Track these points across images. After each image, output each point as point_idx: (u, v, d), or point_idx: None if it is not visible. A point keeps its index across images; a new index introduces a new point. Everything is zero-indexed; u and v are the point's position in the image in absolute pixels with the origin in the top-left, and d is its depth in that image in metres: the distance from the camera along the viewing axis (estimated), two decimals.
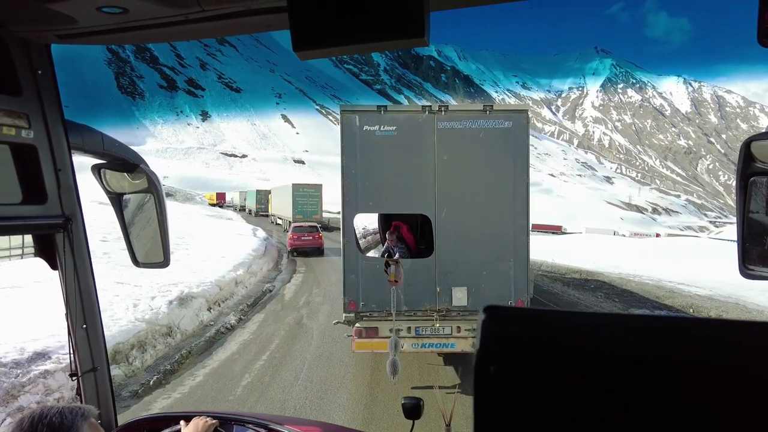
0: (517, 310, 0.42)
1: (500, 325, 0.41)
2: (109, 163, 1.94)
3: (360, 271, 6.74)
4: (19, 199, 1.58)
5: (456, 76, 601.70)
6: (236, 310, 11.71)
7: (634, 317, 0.39)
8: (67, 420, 1.35)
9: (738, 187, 1.39)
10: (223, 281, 12.77)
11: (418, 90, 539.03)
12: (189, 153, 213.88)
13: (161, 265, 2.04)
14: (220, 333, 9.98)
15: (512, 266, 6.75)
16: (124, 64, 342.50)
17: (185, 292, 10.69)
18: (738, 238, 1.43)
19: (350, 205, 6.55)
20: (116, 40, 1.39)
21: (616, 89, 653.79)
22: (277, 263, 20.34)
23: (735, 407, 0.35)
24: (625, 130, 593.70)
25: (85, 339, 1.91)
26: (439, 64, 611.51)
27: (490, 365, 0.40)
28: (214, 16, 1.20)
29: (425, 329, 6.82)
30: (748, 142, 1.35)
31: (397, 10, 0.95)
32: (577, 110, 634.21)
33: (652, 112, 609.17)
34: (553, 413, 0.39)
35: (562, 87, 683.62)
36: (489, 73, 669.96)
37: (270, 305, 12.61)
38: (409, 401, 2.37)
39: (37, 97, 1.55)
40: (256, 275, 15.87)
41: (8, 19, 1.39)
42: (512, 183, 6.71)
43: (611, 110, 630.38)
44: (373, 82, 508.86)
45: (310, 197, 36.55)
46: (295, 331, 10.24)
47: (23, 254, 1.76)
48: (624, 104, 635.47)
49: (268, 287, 14.78)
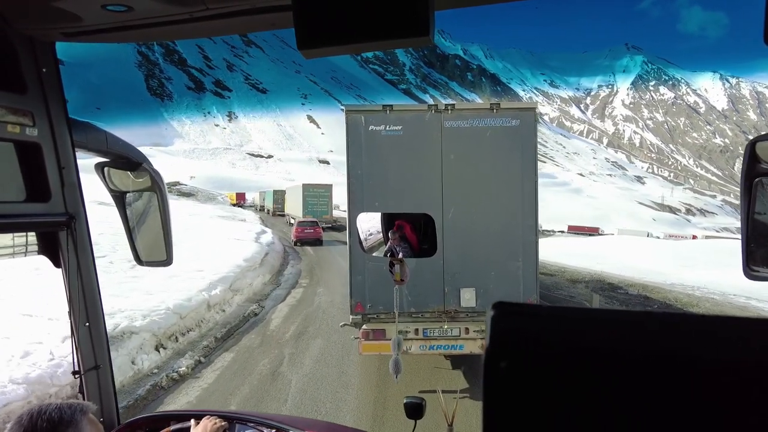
0: (526, 307, 0.41)
1: (509, 321, 0.41)
2: (112, 162, 1.94)
3: (366, 273, 6.63)
4: (23, 197, 1.58)
5: (482, 74, 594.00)
6: (197, 347, 8.78)
7: (644, 314, 0.39)
8: (66, 415, 1.36)
9: (743, 188, 1.39)
10: (188, 306, 9.85)
11: (443, 89, 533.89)
12: (216, 153, 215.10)
13: (164, 263, 2.05)
14: (159, 389, 7.05)
15: (521, 266, 6.67)
16: (153, 67, 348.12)
17: (121, 327, 7.83)
18: (742, 240, 1.43)
19: (356, 205, 6.50)
20: (121, 38, 1.39)
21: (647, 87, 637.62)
22: (278, 275, 17.35)
23: (752, 404, 0.34)
24: (657, 129, 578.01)
25: (87, 337, 1.91)
26: (465, 63, 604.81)
27: (500, 361, 0.39)
28: (219, 15, 1.20)
29: (433, 331, 6.72)
30: (753, 143, 1.35)
31: (402, 9, 0.95)
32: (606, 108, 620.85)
33: (685, 110, 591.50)
34: (564, 409, 0.38)
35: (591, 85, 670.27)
36: (516, 71, 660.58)
37: (247, 338, 9.67)
38: (411, 401, 2.36)
39: (41, 94, 1.55)
40: (241, 293, 12.90)
41: (14, 17, 1.39)
42: (520, 182, 6.64)
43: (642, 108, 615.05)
44: (398, 81, 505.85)
45: (320, 197, 36.85)
46: (265, 386, 7.28)
47: (27, 252, 1.77)
48: (656, 102, 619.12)
49: (254, 309, 11.80)
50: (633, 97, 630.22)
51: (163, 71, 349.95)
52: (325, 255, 23.36)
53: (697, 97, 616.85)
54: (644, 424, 0.36)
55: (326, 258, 22.22)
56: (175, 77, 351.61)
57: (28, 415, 1.34)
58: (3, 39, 1.43)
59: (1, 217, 1.50)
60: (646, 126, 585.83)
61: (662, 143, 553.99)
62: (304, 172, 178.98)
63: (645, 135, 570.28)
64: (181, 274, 12.04)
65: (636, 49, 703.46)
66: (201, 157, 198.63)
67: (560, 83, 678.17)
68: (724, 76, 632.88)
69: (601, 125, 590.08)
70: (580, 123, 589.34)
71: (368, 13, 0.96)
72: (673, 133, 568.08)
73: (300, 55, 1.00)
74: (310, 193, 37.12)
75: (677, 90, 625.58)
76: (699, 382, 0.35)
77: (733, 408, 0.35)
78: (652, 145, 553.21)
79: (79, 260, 1.81)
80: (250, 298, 13.15)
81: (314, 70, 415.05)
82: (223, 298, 11.64)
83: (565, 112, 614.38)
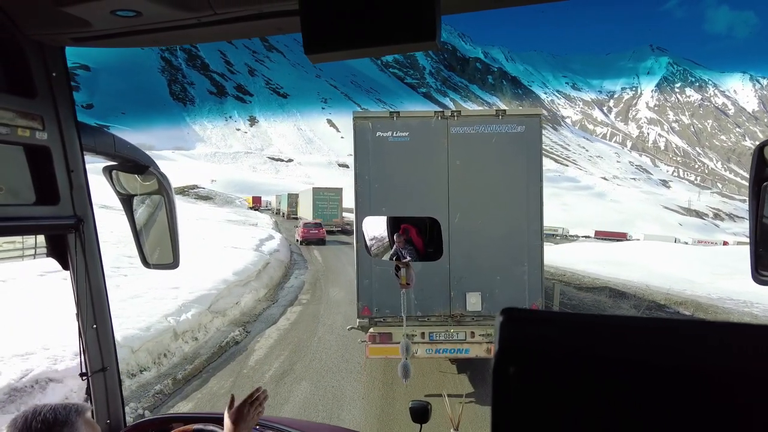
0: (535, 313, 0.42)
1: (518, 326, 0.41)
2: (120, 165, 1.97)
3: (373, 276, 6.70)
4: (32, 200, 1.60)
5: (503, 77, 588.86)
6: (145, 396, 6.70)
7: (651, 320, 0.39)
8: (60, 415, 1.36)
9: (751, 192, 1.38)
10: (144, 336, 7.81)
11: (464, 92, 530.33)
12: (237, 157, 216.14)
13: (171, 266, 2.07)
14: None
15: (526, 271, 6.74)
16: (176, 72, 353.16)
17: (34, 373, 5.88)
18: (751, 244, 1.43)
19: (363, 210, 6.62)
20: (129, 43, 1.41)
21: (673, 89, 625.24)
22: (276, 289, 15.23)
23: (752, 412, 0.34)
24: (683, 132, 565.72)
25: (95, 339, 1.93)
26: (486, 66, 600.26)
27: (509, 366, 0.39)
28: (226, 19, 1.21)
29: (439, 335, 6.74)
30: (761, 146, 1.35)
31: (408, 14, 0.95)
32: (630, 111, 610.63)
33: (713, 112, 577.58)
34: (572, 416, 0.39)
35: (615, 87, 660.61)
36: (537, 74, 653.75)
37: (216, 379, 7.61)
38: (417, 404, 2.37)
39: (51, 99, 1.57)
40: (223, 315, 10.73)
41: (24, 22, 1.41)
42: (525, 187, 6.71)
43: (667, 111, 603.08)
44: (418, 85, 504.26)
45: (330, 201, 37.08)
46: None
47: (36, 254, 1.85)
48: (682, 104, 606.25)
49: (236, 336, 9.72)
50: (658, 99, 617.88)
51: (186, 76, 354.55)
52: (333, 264, 21.37)
53: (725, 98, 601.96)
54: (650, 430, 0.36)
55: (334, 268, 20.22)
56: (197, 82, 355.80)
57: (23, 417, 1.34)
58: (13, 44, 1.45)
59: (11, 220, 1.52)
60: (672, 129, 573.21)
61: (688, 146, 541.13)
62: (324, 175, 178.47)
63: (670, 138, 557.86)
64: (147, 293, 9.97)
65: (661, 51, 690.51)
66: (222, 161, 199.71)
67: (582, 86, 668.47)
68: (754, 77, 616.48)
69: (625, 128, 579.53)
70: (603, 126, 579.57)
71: (374, 18, 0.97)
72: (700, 135, 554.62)
73: None
74: (320, 197, 37.84)
75: (704, 92, 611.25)
76: (708, 390, 0.35)
77: (744, 417, 0.35)
78: (677, 148, 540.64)
79: (86, 262, 1.83)
80: (235, 321, 10.94)
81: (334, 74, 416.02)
82: (197, 322, 9.50)
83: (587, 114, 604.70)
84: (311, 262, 22.25)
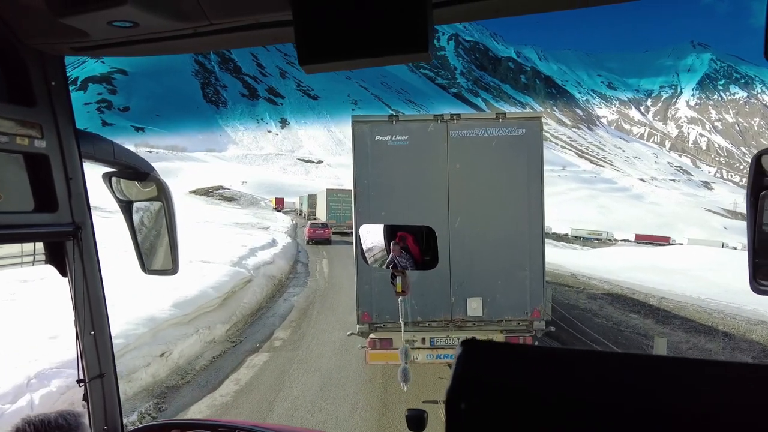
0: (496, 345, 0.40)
1: (475, 360, 0.40)
2: (119, 172, 1.99)
3: (373, 282, 6.67)
4: (31, 207, 1.63)
5: (536, 77, 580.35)
6: None
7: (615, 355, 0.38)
8: (71, 421, 1.38)
9: (748, 201, 1.39)
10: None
11: (496, 92, 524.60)
12: (268, 159, 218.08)
13: (170, 272, 2.09)
14: None
15: (528, 275, 6.71)
16: (209, 75, 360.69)
17: None
18: (749, 253, 1.43)
19: (363, 215, 6.62)
20: (127, 53, 1.44)
21: (715, 86, 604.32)
22: (249, 320, 12.05)
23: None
24: (727, 131, 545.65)
25: (93, 345, 1.94)
26: (519, 66, 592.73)
27: (461, 402, 0.39)
28: (222, 30, 1.24)
29: (440, 340, 6.80)
30: (759, 155, 1.36)
31: (400, 26, 0.97)
32: (669, 110, 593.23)
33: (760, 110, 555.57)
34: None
35: (653, 86, 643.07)
36: (572, 73, 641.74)
37: None
38: (413, 413, 2.36)
39: (50, 107, 1.60)
40: (132, 379, 7.32)
41: (24, 32, 1.44)
42: (526, 191, 6.69)
43: (709, 109, 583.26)
44: (449, 85, 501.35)
45: (342, 202, 36.70)
46: None
47: (34, 261, 1.81)
48: (725, 102, 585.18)
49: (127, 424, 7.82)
50: (699, 97, 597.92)
51: (219, 79, 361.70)
52: (338, 278, 18.28)
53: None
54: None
55: (339, 284, 17.03)
56: (230, 85, 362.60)
57: (31, 425, 1.33)
58: (13, 53, 1.48)
59: (10, 228, 1.55)
60: (714, 128, 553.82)
61: (732, 146, 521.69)
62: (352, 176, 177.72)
63: (712, 137, 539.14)
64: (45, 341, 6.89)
65: (703, 47, 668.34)
66: (253, 163, 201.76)
67: (618, 85, 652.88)
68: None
69: (664, 128, 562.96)
70: (640, 126, 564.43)
71: (367, 30, 0.98)
72: (745, 134, 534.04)
73: None
74: (333, 198, 38.30)
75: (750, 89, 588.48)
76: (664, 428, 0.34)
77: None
78: (720, 148, 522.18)
79: (85, 269, 1.85)
80: (148, 388, 7.43)
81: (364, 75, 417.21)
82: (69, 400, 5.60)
83: (624, 114, 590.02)
84: (313, 275, 19.68)
